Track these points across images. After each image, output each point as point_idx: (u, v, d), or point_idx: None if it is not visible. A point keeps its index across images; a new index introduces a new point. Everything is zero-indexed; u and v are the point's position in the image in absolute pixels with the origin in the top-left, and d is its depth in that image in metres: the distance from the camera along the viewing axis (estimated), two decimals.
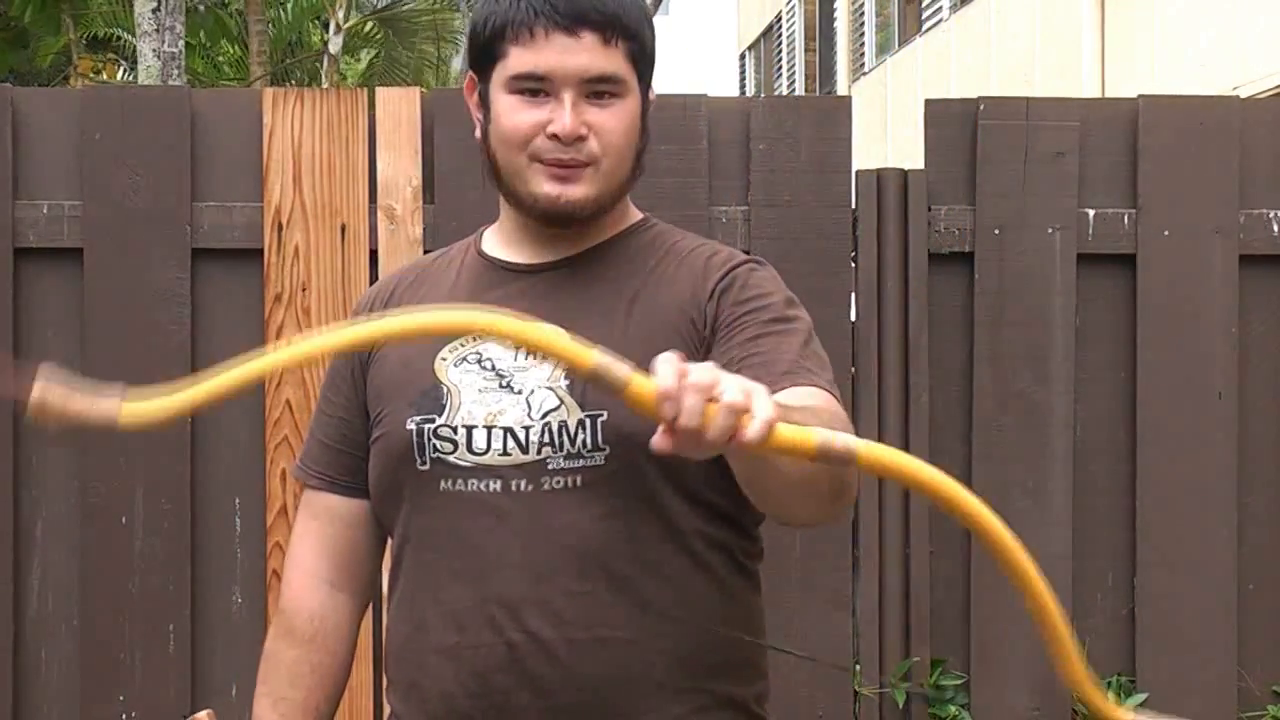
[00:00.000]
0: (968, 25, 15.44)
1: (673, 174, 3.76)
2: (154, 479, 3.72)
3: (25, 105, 3.76)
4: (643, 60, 1.85)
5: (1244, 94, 8.29)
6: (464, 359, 1.83)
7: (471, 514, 1.79)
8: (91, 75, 13.24)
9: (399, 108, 3.78)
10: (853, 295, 3.85)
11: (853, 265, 3.84)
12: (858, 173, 3.85)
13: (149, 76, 7.58)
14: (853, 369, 3.83)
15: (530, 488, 1.77)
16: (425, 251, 3.75)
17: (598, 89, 1.81)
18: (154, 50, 7.52)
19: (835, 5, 21.48)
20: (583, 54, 1.79)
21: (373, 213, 3.76)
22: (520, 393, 1.80)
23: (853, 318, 3.86)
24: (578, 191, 1.83)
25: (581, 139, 1.81)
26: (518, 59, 1.81)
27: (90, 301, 3.72)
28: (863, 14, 20.02)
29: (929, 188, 3.84)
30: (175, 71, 7.57)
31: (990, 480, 3.82)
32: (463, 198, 3.76)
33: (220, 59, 16.89)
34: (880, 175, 3.85)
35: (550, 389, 1.79)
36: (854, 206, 3.84)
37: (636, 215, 1.96)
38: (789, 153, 3.79)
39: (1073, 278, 3.83)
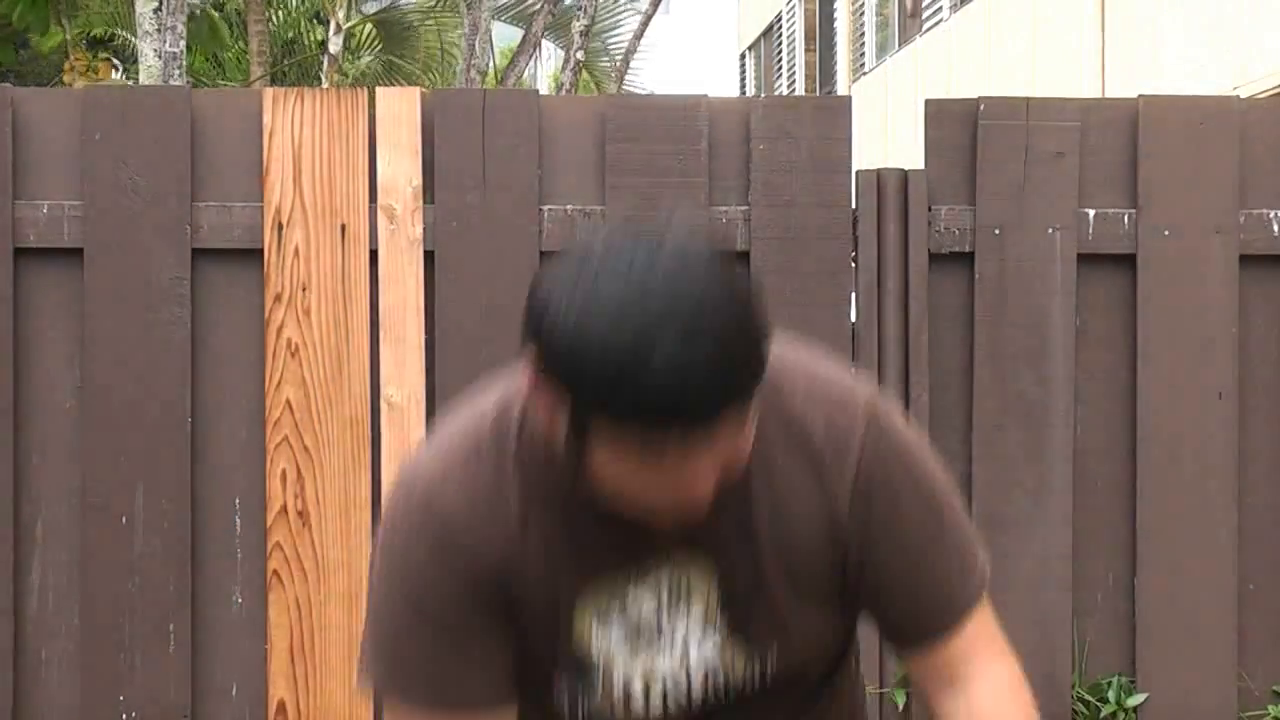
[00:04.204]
0: (968, 25, 15.43)
1: (673, 174, 3.76)
2: (154, 479, 3.72)
3: (25, 105, 3.76)
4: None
5: (1244, 94, 8.29)
6: (607, 611, 1.65)
7: None
8: (83, 72, 13.22)
9: (399, 108, 3.78)
10: (853, 295, 3.86)
11: (853, 265, 3.84)
12: (858, 173, 3.85)
13: (150, 76, 7.58)
14: (853, 369, 3.83)
15: (689, 714, 1.72)
16: (426, 252, 3.75)
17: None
18: (155, 50, 7.51)
19: (835, 5, 21.48)
20: (721, 438, 1.46)
21: (373, 213, 3.76)
22: (673, 644, 1.66)
23: (853, 318, 3.86)
24: (702, 513, 1.56)
25: None
26: (639, 451, 1.45)
27: (90, 301, 3.72)
28: (863, 14, 20.02)
29: (929, 188, 3.84)
30: (176, 71, 7.56)
31: (990, 480, 3.82)
32: (463, 198, 3.76)
33: (227, 55, 16.88)
34: (880, 175, 3.85)
35: (707, 634, 1.66)
36: (854, 206, 3.84)
37: None
38: (789, 153, 3.79)
39: (1073, 278, 3.83)
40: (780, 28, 25.02)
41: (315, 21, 17.63)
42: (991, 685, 1.71)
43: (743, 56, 28.96)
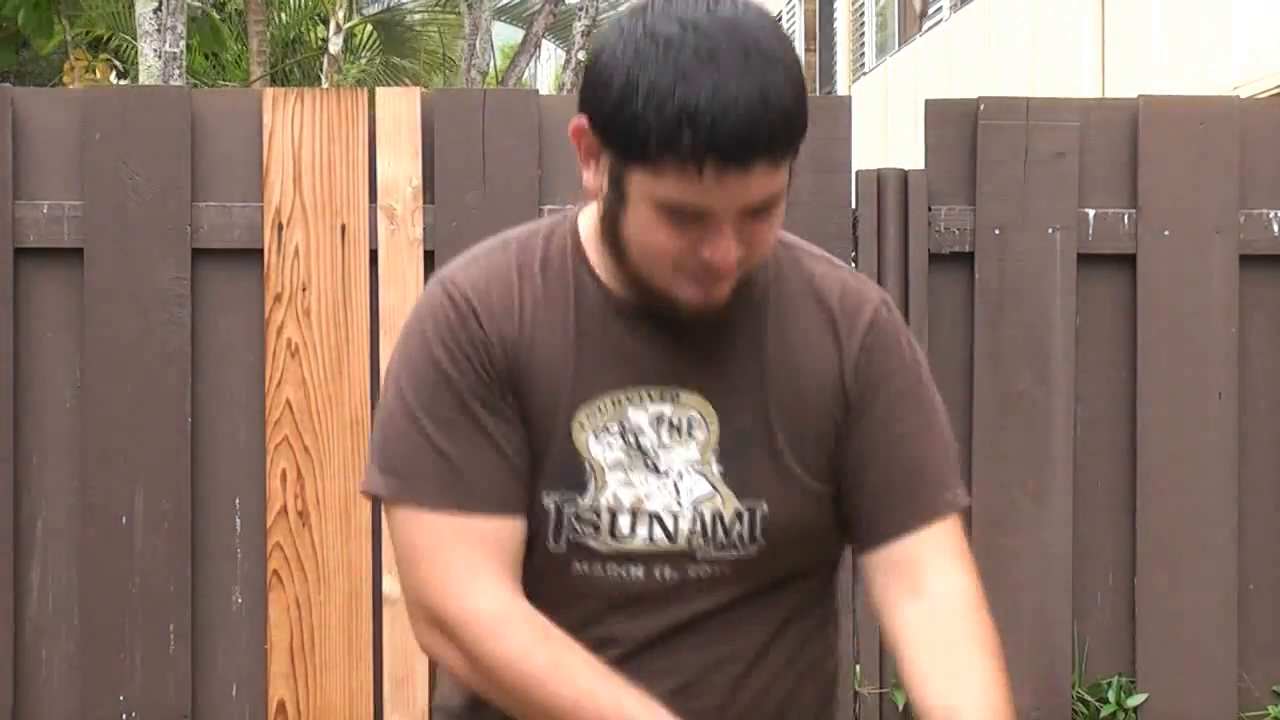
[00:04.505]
0: (968, 25, 15.43)
1: None
2: (154, 479, 3.72)
3: (25, 105, 3.76)
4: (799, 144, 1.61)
5: (1244, 94, 8.28)
6: (605, 428, 1.65)
7: (607, 598, 1.67)
8: (84, 72, 13.22)
9: (399, 108, 3.78)
10: None
11: (853, 265, 3.84)
12: (858, 173, 3.85)
13: (149, 77, 7.58)
14: None
15: (675, 576, 1.67)
16: (426, 252, 3.75)
17: (759, 210, 1.58)
18: (155, 50, 7.51)
19: (835, 5, 21.47)
20: (750, 186, 1.54)
21: (373, 213, 3.76)
22: (666, 474, 1.66)
23: None
24: (721, 294, 1.61)
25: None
26: (676, 188, 1.53)
27: (90, 301, 3.72)
28: (863, 14, 20.02)
29: (929, 188, 3.83)
30: (176, 72, 7.56)
31: (990, 480, 3.82)
32: (462, 198, 3.76)
33: (226, 57, 16.88)
34: (880, 175, 3.85)
35: (700, 473, 1.66)
36: (854, 206, 3.84)
37: None
38: None
39: (1073, 278, 3.83)
40: None
41: (317, 20, 17.61)
42: (955, 596, 1.69)
43: None
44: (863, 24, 20.14)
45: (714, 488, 1.66)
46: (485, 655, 1.61)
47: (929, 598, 1.68)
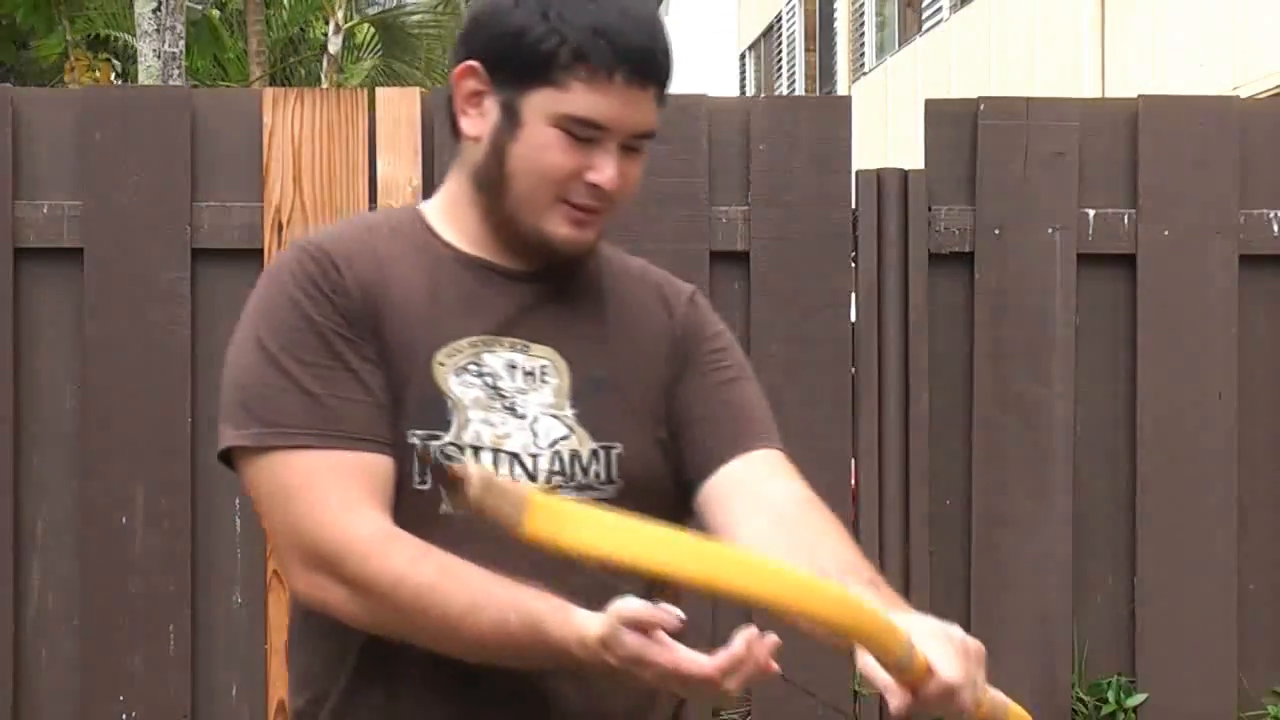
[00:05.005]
0: (968, 25, 15.44)
1: (673, 174, 3.75)
2: (154, 479, 3.72)
3: (25, 105, 3.76)
4: None
5: (1244, 94, 8.29)
6: (464, 368, 1.73)
7: (472, 540, 1.63)
8: (86, 73, 13.25)
9: (399, 108, 3.78)
10: (853, 295, 3.85)
11: (853, 265, 3.84)
12: (858, 173, 3.85)
13: (149, 77, 7.58)
14: (853, 369, 3.83)
15: None
16: None
17: (636, 143, 1.75)
18: (154, 50, 7.51)
19: (835, 5, 21.48)
20: (643, 109, 1.74)
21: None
22: (524, 417, 1.73)
23: (853, 318, 3.86)
24: (590, 235, 1.76)
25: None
26: (582, 100, 1.70)
27: (90, 301, 3.72)
28: (863, 14, 20.02)
29: (929, 188, 3.83)
30: (175, 71, 7.57)
31: (990, 480, 3.82)
32: None
33: (229, 55, 16.87)
34: (880, 175, 3.85)
35: (555, 417, 1.74)
36: (854, 206, 3.84)
37: None
38: (789, 153, 3.79)
39: (1073, 278, 3.83)
40: (780, 28, 25.02)
41: (319, 19, 17.60)
42: (792, 499, 1.75)
43: (743, 56, 28.96)
44: (863, 24, 20.15)
45: (570, 429, 1.74)
46: (373, 576, 1.63)
47: (766, 505, 1.74)
